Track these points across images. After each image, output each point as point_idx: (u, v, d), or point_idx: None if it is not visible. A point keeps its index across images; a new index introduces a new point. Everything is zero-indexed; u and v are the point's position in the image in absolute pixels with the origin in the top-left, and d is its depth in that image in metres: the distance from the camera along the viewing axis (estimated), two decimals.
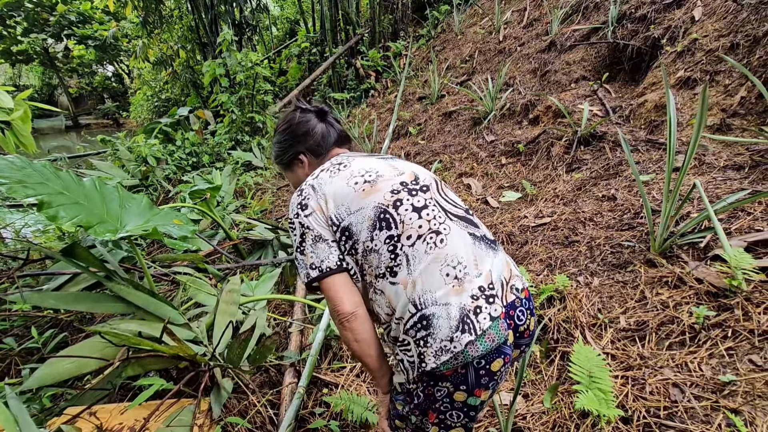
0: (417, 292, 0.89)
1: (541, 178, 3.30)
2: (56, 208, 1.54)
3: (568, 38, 4.77)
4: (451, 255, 0.92)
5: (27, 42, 17.80)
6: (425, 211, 0.96)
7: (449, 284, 0.89)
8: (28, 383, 1.57)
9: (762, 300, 1.54)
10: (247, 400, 1.87)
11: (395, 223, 0.93)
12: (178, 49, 10.06)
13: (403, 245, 0.92)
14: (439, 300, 0.87)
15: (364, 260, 0.96)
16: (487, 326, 0.86)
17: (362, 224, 0.95)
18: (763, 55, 2.65)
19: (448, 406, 0.92)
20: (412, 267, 0.91)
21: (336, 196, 0.98)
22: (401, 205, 0.96)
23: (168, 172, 5.58)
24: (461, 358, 0.86)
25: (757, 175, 2.14)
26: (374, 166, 1.04)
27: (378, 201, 0.96)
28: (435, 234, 0.93)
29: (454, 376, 0.88)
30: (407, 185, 1.00)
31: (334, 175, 1.02)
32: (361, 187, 0.98)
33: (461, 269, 0.91)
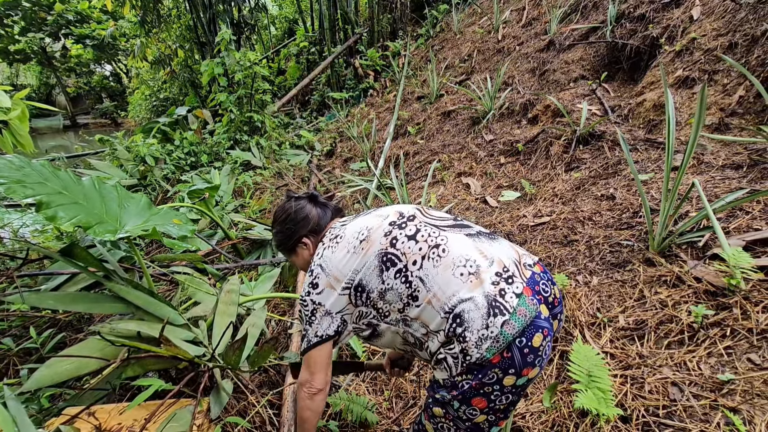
0: (443, 301, 0.98)
1: (540, 177, 3.30)
2: (55, 209, 1.53)
3: (567, 37, 4.77)
4: (457, 257, 1.01)
5: (24, 41, 17.75)
6: (419, 235, 1.07)
7: (467, 281, 0.98)
8: (28, 385, 1.57)
9: (760, 299, 1.54)
10: (246, 401, 1.87)
11: (398, 258, 1.04)
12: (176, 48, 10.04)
13: (412, 272, 1.02)
14: (464, 296, 0.96)
15: (383, 302, 1.06)
16: (516, 303, 0.95)
17: (371, 274, 1.06)
18: (761, 55, 2.66)
19: (498, 393, 0.97)
20: (428, 284, 1.00)
21: (342, 267, 1.09)
22: (397, 241, 1.06)
23: (166, 172, 5.57)
24: (501, 339, 0.93)
25: (756, 174, 2.14)
26: (363, 224, 1.14)
27: (376, 250, 1.06)
28: (436, 248, 1.03)
29: (501, 361, 0.94)
30: (395, 223, 1.11)
31: (335, 250, 1.12)
32: (360, 248, 1.09)
33: (471, 264, 1.00)
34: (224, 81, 6.57)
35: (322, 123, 7.94)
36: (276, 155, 6.32)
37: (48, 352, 2.17)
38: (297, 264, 1.35)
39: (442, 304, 0.98)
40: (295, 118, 8.88)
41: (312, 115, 8.94)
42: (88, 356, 1.65)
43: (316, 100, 9.05)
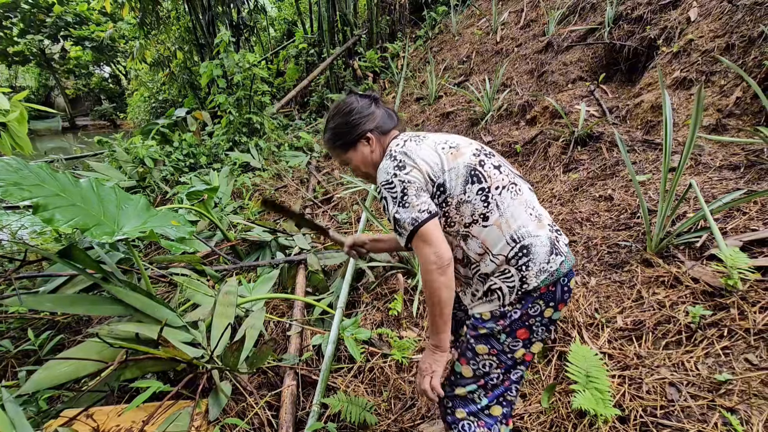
0: (513, 228, 1.08)
1: (539, 178, 3.31)
2: (52, 211, 1.53)
3: (565, 39, 4.79)
4: (527, 200, 1.14)
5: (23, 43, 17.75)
6: (502, 168, 1.16)
7: (534, 221, 1.11)
8: (26, 387, 1.57)
9: (758, 299, 1.55)
10: (245, 402, 1.87)
11: (484, 178, 1.11)
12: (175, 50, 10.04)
13: (492, 194, 1.10)
14: (532, 233, 1.08)
15: (455, 212, 1.11)
16: (566, 250, 1.13)
17: (456, 180, 1.10)
18: (758, 56, 2.67)
19: (538, 322, 1.10)
20: (503, 210, 1.09)
21: (429, 159, 1.12)
22: (485, 164, 1.13)
23: (165, 174, 5.57)
24: (555, 274, 1.07)
25: (753, 175, 2.15)
26: (447, 137, 1.20)
27: (466, 162, 1.12)
28: (514, 185, 1.14)
29: (546, 294, 1.08)
30: (482, 150, 1.18)
31: (420, 143, 1.16)
32: (449, 152, 1.14)
33: (536, 211, 1.14)
34: (223, 83, 6.57)
35: (321, 124, 7.94)
36: (275, 157, 6.32)
37: (46, 354, 2.17)
38: (350, 162, 1.29)
39: (511, 231, 1.08)
40: (294, 119, 8.88)
41: (311, 116, 8.94)
42: (86, 358, 1.65)
43: (315, 102, 9.05)
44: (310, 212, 4.33)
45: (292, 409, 1.81)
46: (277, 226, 3.66)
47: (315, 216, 4.26)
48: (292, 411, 1.80)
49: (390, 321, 2.44)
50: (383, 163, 1.15)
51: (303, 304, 2.64)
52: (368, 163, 1.27)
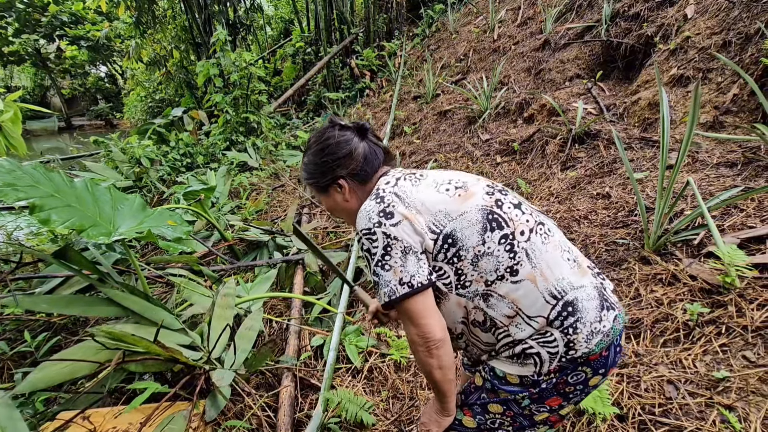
0: (551, 282, 0.86)
1: (536, 176, 3.30)
2: (48, 211, 1.52)
3: (562, 37, 4.78)
4: (561, 242, 0.93)
5: (18, 43, 17.64)
6: (523, 207, 0.94)
7: (573, 268, 0.90)
8: (21, 387, 1.56)
9: (755, 296, 1.55)
10: (243, 403, 1.86)
11: (505, 222, 0.88)
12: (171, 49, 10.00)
13: (519, 242, 0.87)
14: (575, 284, 0.87)
15: (473, 267, 0.88)
16: (615, 299, 0.91)
17: (470, 229, 0.87)
18: (755, 53, 2.67)
19: (579, 390, 0.90)
20: (535, 260, 0.87)
21: (429, 203, 0.90)
22: (503, 204, 0.91)
23: (162, 174, 5.55)
24: (612, 334, 0.86)
25: (750, 172, 2.15)
26: (450, 174, 0.98)
27: (480, 204, 0.90)
28: (541, 225, 0.93)
29: (596, 361, 0.87)
30: (495, 187, 0.96)
31: (417, 184, 0.94)
32: (456, 192, 0.91)
33: (571, 255, 0.93)
34: (220, 82, 6.55)
35: (318, 123, 7.92)
36: (272, 156, 6.31)
37: (43, 355, 2.16)
38: (326, 205, 1.11)
39: (549, 286, 0.86)
40: (291, 118, 8.86)
41: (308, 115, 8.92)
42: (82, 359, 1.64)
43: (312, 101, 9.03)
44: (308, 212, 4.33)
45: (290, 410, 1.81)
46: (274, 227, 3.65)
47: (313, 216, 4.25)
48: (290, 412, 1.80)
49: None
50: (367, 203, 0.93)
51: (301, 304, 2.64)
52: (342, 210, 1.07)
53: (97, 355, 1.67)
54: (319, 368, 2.14)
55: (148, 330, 1.76)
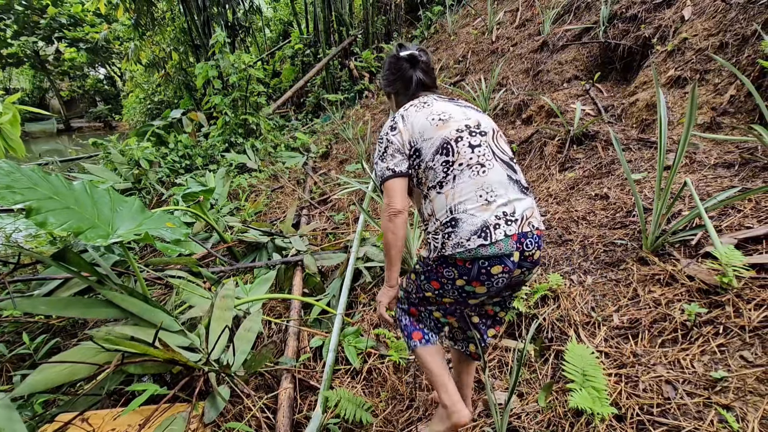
0: (454, 202, 1.23)
1: (535, 177, 3.31)
2: (45, 214, 1.52)
3: (560, 38, 4.80)
4: (487, 183, 1.24)
5: (17, 45, 17.64)
6: (478, 149, 1.28)
7: (479, 203, 1.21)
8: (20, 390, 1.56)
9: (752, 296, 1.55)
10: (242, 404, 1.86)
11: (452, 153, 1.27)
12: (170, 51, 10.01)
13: (453, 168, 1.26)
14: (469, 210, 1.21)
15: (423, 174, 1.31)
16: (499, 239, 1.18)
17: (429, 149, 1.29)
18: (751, 54, 2.68)
19: (450, 286, 1.28)
20: (455, 184, 1.24)
21: (417, 125, 1.33)
22: (461, 141, 1.28)
23: (161, 175, 5.55)
24: (472, 253, 1.18)
25: (747, 173, 2.16)
26: (450, 109, 1.36)
27: (445, 135, 1.29)
28: (480, 166, 1.26)
29: (461, 266, 1.21)
30: (470, 128, 1.32)
31: (419, 111, 1.37)
32: (436, 123, 1.31)
33: (492, 195, 1.23)
34: (219, 83, 6.56)
35: (317, 125, 7.93)
36: (271, 157, 6.31)
37: (41, 357, 2.16)
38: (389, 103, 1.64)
39: (451, 203, 1.23)
40: (290, 120, 8.87)
41: (307, 117, 8.93)
42: (81, 362, 1.64)
43: (311, 102, 9.04)
44: (307, 213, 4.33)
45: (289, 411, 1.81)
46: (273, 228, 3.65)
47: (312, 217, 4.25)
48: (288, 414, 1.80)
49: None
50: (388, 119, 1.43)
51: (300, 305, 2.64)
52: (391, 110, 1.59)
53: (96, 357, 1.67)
54: (318, 369, 2.14)
55: (147, 332, 1.76)
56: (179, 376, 1.85)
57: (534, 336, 1.92)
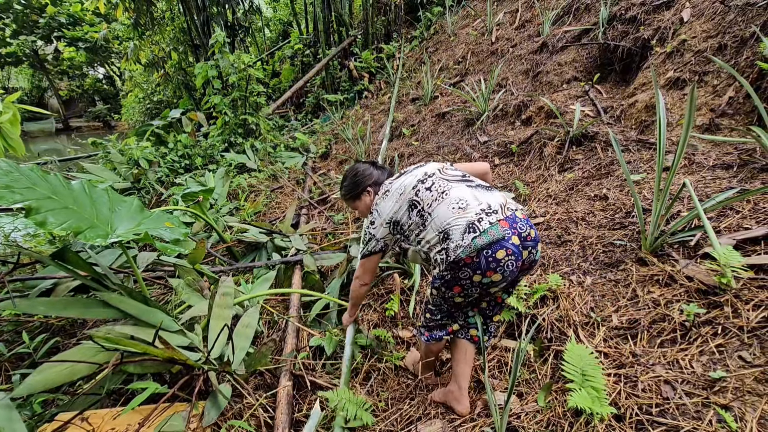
0: (439, 225, 1.48)
1: (534, 178, 3.32)
2: (44, 214, 1.52)
3: (560, 39, 4.81)
4: (454, 198, 1.50)
5: (16, 44, 17.61)
6: (433, 187, 1.58)
7: (456, 212, 1.46)
8: (19, 390, 1.55)
9: (751, 297, 1.56)
10: (242, 403, 1.86)
11: (419, 203, 1.58)
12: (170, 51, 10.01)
13: (425, 210, 1.55)
14: (452, 222, 1.45)
15: (407, 229, 1.62)
16: (487, 227, 1.39)
17: (404, 214, 1.62)
18: (750, 56, 2.69)
19: (469, 285, 1.46)
20: (433, 215, 1.51)
21: (388, 211, 1.67)
22: (420, 192, 1.59)
23: (160, 175, 5.55)
24: (472, 246, 1.38)
25: (746, 174, 2.17)
26: (403, 180, 1.68)
27: (408, 198, 1.61)
28: (443, 193, 1.54)
29: (471, 263, 1.40)
30: (422, 180, 1.63)
31: (385, 201, 1.69)
32: (399, 198, 1.64)
33: (463, 203, 1.48)
34: (218, 83, 6.55)
35: (317, 125, 7.93)
36: (271, 158, 6.31)
37: (41, 357, 2.15)
38: (358, 208, 1.94)
39: (438, 227, 1.48)
40: (289, 120, 8.87)
41: (307, 117, 8.93)
42: (81, 361, 1.63)
43: (310, 103, 9.05)
44: (307, 213, 4.33)
45: (287, 409, 1.81)
46: (273, 227, 3.65)
47: (311, 217, 4.25)
48: (287, 411, 1.80)
49: (387, 321, 2.44)
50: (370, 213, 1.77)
51: (299, 304, 2.64)
52: (369, 207, 1.84)
53: (96, 357, 1.67)
54: (318, 368, 2.14)
55: (147, 331, 1.75)
56: (179, 375, 1.84)
57: (533, 336, 1.92)
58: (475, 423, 1.65)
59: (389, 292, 2.62)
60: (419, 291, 2.55)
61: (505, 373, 1.86)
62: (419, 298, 2.51)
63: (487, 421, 1.65)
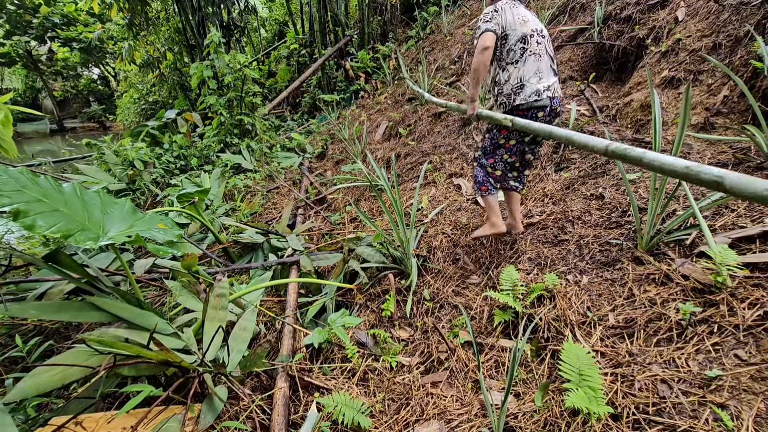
0: (522, 74, 2.19)
1: (530, 177, 3.32)
2: (33, 217, 1.50)
3: (555, 39, 4.81)
4: (540, 67, 2.21)
5: (9, 44, 17.48)
6: (539, 45, 2.22)
7: (536, 78, 2.19)
8: (12, 395, 1.53)
9: (746, 295, 1.56)
10: (238, 406, 1.85)
11: (528, 44, 2.20)
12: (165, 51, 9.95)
13: (527, 51, 2.20)
14: (531, 81, 2.19)
15: (505, 51, 2.22)
16: (545, 96, 2.19)
17: (514, 37, 2.20)
18: (744, 55, 2.70)
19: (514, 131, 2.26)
20: (525, 64, 2.19)
21: (509, 20, 2.20)
22: (533, 37, 2.21)
23: (155, 176, 5.51)
24: (530, 103, 2.18)
25: (741, 173, 2.17)
26: (527, 15, 2.26)
27: (525, 30, 2.20)
28: (539, 55, 2.21)
29: (521, 115, 2.21)
30: (537, 31, 2.24)
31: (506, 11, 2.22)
32: (519, 21, 2.20)
33: (541, 74, 2.21)
34: (214, 84, 6.52)
35: (313, 125, 7.91)
36: (267, 158, 6.29)
37: (34, 360, 2.13)
38: None
39: (522, 74, 2.19)
40: (286, 120, 8.85)
41: (303, 117, 8.91)
42: (74, 364, 1.62)
43: (307, 103, 9.03)
44: (303, 213, 4.31)
45: (284, 410, 1.80)
46: (269, 228, 3.64)
47: (307, 217, 4.24)
48: (284, 413, 1.79)
49: (384, 322, 2.43)
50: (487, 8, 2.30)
51: (296, 305, 2.63)
52: None
53: (90, 360, 1.65)
54: (314, 369, 2.13)
55: (141, 334, 1.74)
56: (174, 378, 1.83)
57: (530, 336, 1.92)
58: (472, 423, 1.65)
59: (385, 292, 2.61)
60: (416, 291, 2.54)
61: (502, 372, 1.86)
62: (416, 298, 2.50)
63: (484, 421, 1.64)
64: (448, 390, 1.86)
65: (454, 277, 2.58)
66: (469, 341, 2.07)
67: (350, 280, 2.86)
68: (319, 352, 2.26)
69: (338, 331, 2.11)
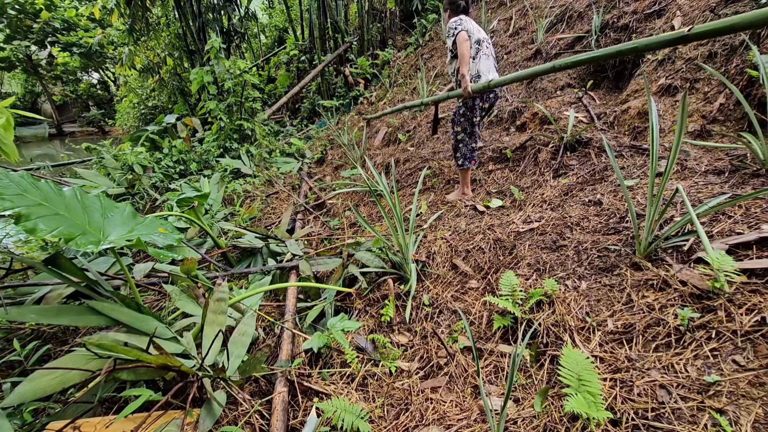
0: (479, 68, 3.22)
1: (529, 183, 3.34)
2: (35, 221, 1.50)
3: (554, 47, 4.86)
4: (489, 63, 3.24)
5: (10, 49, 17.52)
6: (488, 49, 3.27)
7: (486, 70, 3.22)
8: (10, 400, 1.52)
9: (744, 301, 1.57)
10: (237, 411, 1.84)
11: (481, 46, 3.20)
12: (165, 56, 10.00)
13: (480, 53, 3.21)
14: (484, 73, 3.21)
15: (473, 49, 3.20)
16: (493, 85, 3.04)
17: (473, 39, 3.16)
18: (739, 63, 2.74)
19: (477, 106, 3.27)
20: (480, 61, 3.22)
21: (470, 27, 3.16)
22: (484, 42, 3.23)
23: (155, 180, 5.51)
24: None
25: (737, 179, 2.19)
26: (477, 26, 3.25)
27: (479, 36, 3.21)
28: (488, 56, 3.24)
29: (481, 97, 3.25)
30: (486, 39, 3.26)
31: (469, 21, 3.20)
32: (476, 29, 3.21)
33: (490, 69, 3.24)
34: (214, 89, 6.55)
35: (312, 131, 7.94)
36: (266, 163, 6.30)
37: (32, 364, 2.12)
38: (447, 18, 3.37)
39: (479, 68, 3.21)
40: (285, 126, 8.88)
41: (302, 122, 8.94)
42: (73, 368, 1.61)
43: (306, 108, 9.07)
44: (302, 218, 4.32)
45: (283, 416, 1.79)
46: (268, 233, 3.64)
47: (306, 222, 4.24)
48: (283, 418, 1.78)
49: (383, 327, 2.43)
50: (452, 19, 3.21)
51: (295, 310, 2.62)
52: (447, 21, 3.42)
53: (88, 364, 1.64)
54: (314, 374, 2.13)
55: (140, 338, 1.74)
56: (173, 382, 1.82)
57: (529, 341, 1.92)
58: (472, 429, 1.65)
59: (384, 297, 2.62)
60: (415, 296, 2.54)
61: (502, 378, 1.86)
62: (415, 303, 2.50)
63: (483, 427, 1.64)
64: (447, 395, 1.86)
65: (453, 282, 2.59)
66: (469, 346, 2.07)
67: (349, 285, 2.87)
68: (318, 357, 2.25)
69: (337, 336, 2.11)
